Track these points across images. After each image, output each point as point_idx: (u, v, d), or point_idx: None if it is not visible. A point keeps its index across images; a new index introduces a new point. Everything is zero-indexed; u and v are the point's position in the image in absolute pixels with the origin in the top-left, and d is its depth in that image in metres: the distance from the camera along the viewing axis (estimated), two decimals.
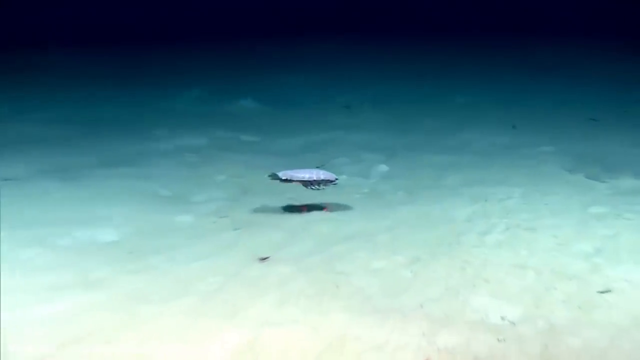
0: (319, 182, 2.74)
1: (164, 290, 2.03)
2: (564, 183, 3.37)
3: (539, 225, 2.64)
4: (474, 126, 5.34)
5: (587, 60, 7.76)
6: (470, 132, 5.11)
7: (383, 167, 3.75)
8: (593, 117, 5.48)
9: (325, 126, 5.06)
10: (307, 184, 2.74)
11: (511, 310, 1.90)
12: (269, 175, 2.75)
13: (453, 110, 6.13)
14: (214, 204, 3.00)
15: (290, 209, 2.87)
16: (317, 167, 3.35)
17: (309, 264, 2.24)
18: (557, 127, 5.29)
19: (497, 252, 2.34)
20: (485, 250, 2.35)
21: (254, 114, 5.50)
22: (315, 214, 2.83)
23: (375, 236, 2.54)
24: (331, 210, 2.84)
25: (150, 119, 5.09)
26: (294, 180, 2.72)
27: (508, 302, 1.95)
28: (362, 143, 4.57)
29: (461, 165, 3.93)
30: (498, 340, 1.76)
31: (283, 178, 2.71)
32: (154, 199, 3.05)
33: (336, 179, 2.80)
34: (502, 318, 1.87)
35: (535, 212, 2.84)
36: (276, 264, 2.24)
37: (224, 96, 6.06)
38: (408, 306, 1.94)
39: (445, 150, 4.43)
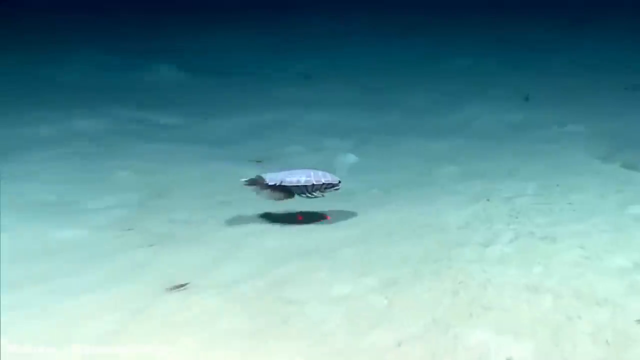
0: (319, 188, 2.73)
1: (36, 338, 1.96)
2: (595, 175, 3.45)
3: (560, 233, 2.68)
4: (475, 99, 5.44)
5: (627, 10, 8.00)
6: (471, 107, 5.21)
7: (351, 158, 3.80)
8: (635, 84, 5.67)
9: (275, 102, 5.07)
10: (302, 190, 2.73)
11: (520, 348, 1.92)
12: (245, 181, 2.70)
13: (449, 77, 6.23)
14: (116, 212, 2.95)
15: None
16: (258, 162, 3.34)
17: (247, 292, 2.21)
18: (586, 98, 5.45)
19: (503, 269, 2.36)
20: (486, 267, 2.37)
21: (178, 87, 5.46)
22: (253, 224, 2.81)
23: (339, 251, 2.54)
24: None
25: (28, 94, 4.95)
26: (285, 187, 2.69)
27: (516, 337, 1.95)
28: (324, 125, 4.60)
29: (457, 153, 3.98)
30: None
31: (270, 184, 2.67)
32: (30, 206, 2.97)
33: (339, 182, 2.80)
34: (508, 359, 1.88)
35: (554, 215, 2.89)
36: (201, 293, 2.20)
37: (136, 61, 5.97)
38: (381, 345, 1.93)
39: (436, 132, 4.49)
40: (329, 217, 2.85)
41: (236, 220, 2.85)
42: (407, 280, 2.28)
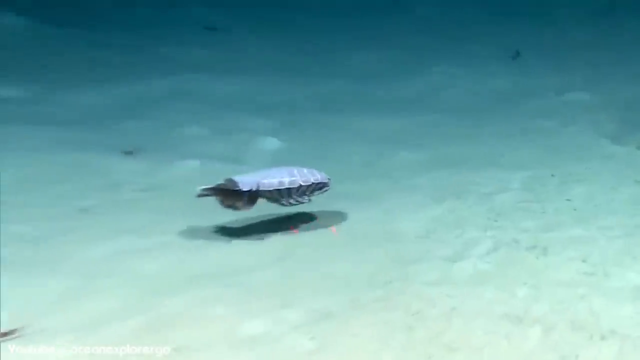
0: (307, 190, 2.85)
1: None
2: (603, 161, 3.52)
3: (554, 241, 2.71)
4: (446, 58, 5.48)
5: None
6: (440, 69, 5.25)
7: (273, 143, 3.82)
8: None
9: (167, 66, 5.02)
10: (285, 194, 2.83)
11: None
12: (204, 190, 2.77)
13: (411, 29, 6.27)
14: None
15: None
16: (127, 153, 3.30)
17: (115, 337, 2.15)
18: (594, 57, 5.57)
19: (475, 293, 2.36)
20: (452, 291, 2.37)
21: (21, 41, 5.29)
22: (127, 239, 2.76)
23: (251, 274, 2.51)
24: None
25: None
26: (264, 192, 2.78)
27: None
28: (237, 97, 4.58)
29: (419, 134, 4.00)
30: None
31: (245, 189, 2.74)
32: None
33: (329, 180, 2.90)
34: None
35: (547, 217, 2.92)
36: (43, 343, 2.12)
37: None
38: None
39: (391, 106, 4.51)
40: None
41: (102, 235, 2.79)
42: (344, 313, 2.26)
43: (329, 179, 2.90)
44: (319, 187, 2.89)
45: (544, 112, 4.36)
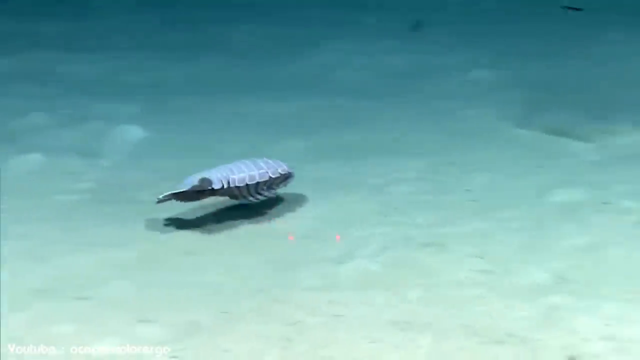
0: (274, 183, 2.95)
1: None
2: (506, 145, 3.61)
3: (452, 236, 2.76)
4: (337, 33, 5.51)
5: None
6: (330, 46, 5.27)
7: (134, 132, 3.79)
8: (572, 2, 5.96)
9: (7, 43, 4.89)
10: (253, 190, 2.92)
11: None
12: (169, 196, 2.85)
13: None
14: None
15: None
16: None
17: None
18: (503, 27, 5.69)
19: (363, 297, 2.39)
20: (336, 296, 2.38)
21: None
22: None
23: (105, 285, 2.49)
24: None
25: None
26: (233, 189, 2.87)
27: None
28: (92, 78, 4.55)
29: (305, 120, 4.02)
30: None
31: (217, 187, 2.81)
32: None
33: (292, 170, 3.01)
34: None
35: (445, 209, 2.98)
36: None
37: None
38: None
39: (278, 88, 4.51)
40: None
41: None
42: (213, 326, 2.25)
43: (292, 168, 3.01)
44: (285, 178, 2.99)
45: (447, 92, 4.42)
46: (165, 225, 2.91)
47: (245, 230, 2.86)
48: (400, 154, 3.56)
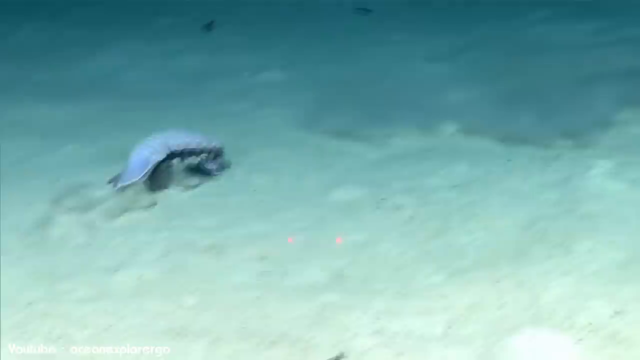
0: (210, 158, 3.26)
1: None
2: (293, 146, 3.65)
3: (234, 239, 2.78)
4: (126, 34, 5.43)
5: None
6: (121, 47, 5.19)
7: None
8: (363, 4, 6.07)
9: None
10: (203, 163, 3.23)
11: None
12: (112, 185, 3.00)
13: None
14: None
15: None
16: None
17: None
18: (296, 28, 5.72)
19: (137, 305, 2.37)
20: (110, 307, 2.35)
21: None
22: None
23: None
24: None
25: None
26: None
27: None
28: None
29: (91, 125, 3.94)
30: None
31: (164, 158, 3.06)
32: None
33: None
34: None
35: (228, 212, 3.00)
36: None
37: None
38: None
39: (59, 92, 4.40)
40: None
41: None
42: None
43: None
44: (216, 154, 3.28)
45: (237, 94, 4.43)
46: None
47: (15, 242, 2.77)
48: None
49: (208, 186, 3.24)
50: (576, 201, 2.93)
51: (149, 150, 3.05)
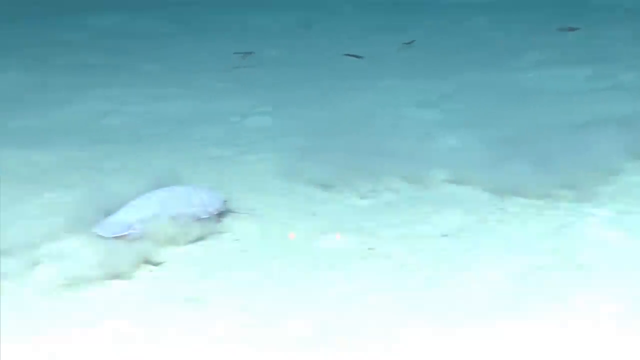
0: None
1: None
2: (276, 194, 3.62)
3: (213, 292, 2.71)
4: (113, 80, 5.40)
5: None
6: (104, 93, 5.14)
7: None
8: (354, 51, 6.10)
9: None
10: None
11: None
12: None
13: (80, 40, 6.14)
14: None
15: None
16: None
17: None
18: (285, 74, 5.69)
19: None
20: None
21: None
22: None
23: None
24: None
25: None
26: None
27: None
28: None
29: (61, 173, 3.83)
30: None
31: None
32: None
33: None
34: None
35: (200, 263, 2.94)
36: None
37: None
38: None
39: (39, 138, 4.32)
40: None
41: None
42: None
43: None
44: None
45: (222, 140, 4.38)
46: None
47: None
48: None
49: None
50: (573, 250, 2.89)
51: (136, 217, 3.06)
